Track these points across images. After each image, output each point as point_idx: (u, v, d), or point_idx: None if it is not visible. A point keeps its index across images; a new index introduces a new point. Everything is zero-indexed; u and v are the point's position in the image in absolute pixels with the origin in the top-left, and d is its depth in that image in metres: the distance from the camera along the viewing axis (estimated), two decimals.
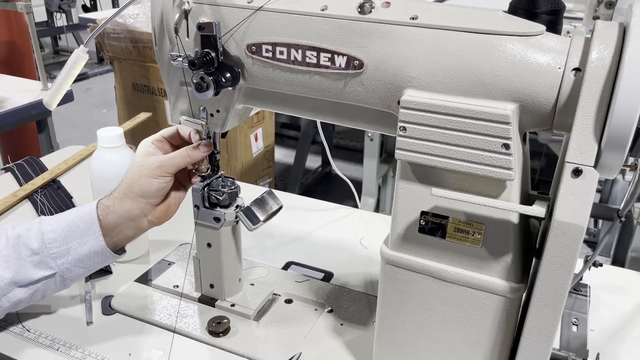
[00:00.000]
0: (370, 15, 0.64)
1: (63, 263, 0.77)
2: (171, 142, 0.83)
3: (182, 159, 0.79)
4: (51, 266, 0.77)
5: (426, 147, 0.62)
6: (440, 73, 0.60)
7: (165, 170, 0.78)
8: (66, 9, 5.23)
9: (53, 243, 0.76)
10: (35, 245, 0.76)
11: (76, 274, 0.79)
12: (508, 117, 0.57)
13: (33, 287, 0.77)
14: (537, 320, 0.60)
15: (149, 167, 0.78)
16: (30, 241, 0.76)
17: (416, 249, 0.67)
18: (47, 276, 0.77)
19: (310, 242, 1.11)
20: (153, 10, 0.74)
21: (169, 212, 0.81)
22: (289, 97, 0.74)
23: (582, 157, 0.54)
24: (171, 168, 0.78)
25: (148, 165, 0.78)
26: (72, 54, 0.80)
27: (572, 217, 0.55)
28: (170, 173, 0.78)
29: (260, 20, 0.69)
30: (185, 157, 0.79)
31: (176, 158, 0.79)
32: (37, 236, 0.76)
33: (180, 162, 0.79)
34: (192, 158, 0.80)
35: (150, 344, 0.83)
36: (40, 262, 0.76)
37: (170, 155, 0.79)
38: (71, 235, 0.77)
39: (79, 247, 0.77)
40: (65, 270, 0.77)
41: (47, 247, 0.76)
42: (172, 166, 0.78)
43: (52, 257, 0.76)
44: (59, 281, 0.78)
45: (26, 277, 0.76)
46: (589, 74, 0.53)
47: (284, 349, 0.81)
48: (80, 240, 0.77)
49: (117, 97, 2.42)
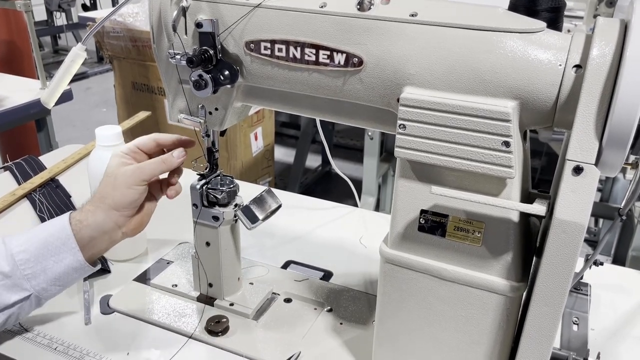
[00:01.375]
0: (369, 12, 0.63)
1: (39, 283, 0.73)
2: (146, 153, 0.80)
3: (158, 166, 0.77)
4: (25, 288, 0.73)
5: (426, 145, 0.61)
6: (440, 70, 0.60)
7: (141, 177, 0.75)
8: (66, 7, 5.23)
9: (26, 264, 0.73)
10: (6, 269, 0.72)
11: (52, 292, 0.76)
12: (508, 114, 0.56)
13: (7, 312, 0.73)
14: (538, 319, 0.59)
15: (123, 175, 0.75)
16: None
17: (416, 248, 0.66)
18: (22, 299, 0.73)
19: (309, 241, 1.10)
20: (151, 7, 0.74)
21: (142, 223, 0.79)
22: (288, 95, 0.74)
23: (583, 154, 0.54)
24: (146, 175, 0.76)
25: (122, 173, 0.75)
26: (70, 52, 0.80)
27: (573, 215, 0.54)
28: (145, 181, 0.76)
29: (259, 17, 0.68)
30: (160, 164, 0.77)
31: (152, 164, 0.77)
32: (7, 258, 0.72)
33: (155, 168, 0.77)
34: (167, 164, 0.78)
35: (149, 343, 0.82)
36: (14, 285, 0.72)
37: (145, 162, 0.77)
38: (45, 254, 0.73)
39: (55, 265, 0.74)
40: (41, 291, 0.74)
41: (20, 268, 0.72)
42: (148, 173, 0.76)
43: (26, 279, 0.73)
44: (34, 302, 0.75)
45: (0, 302, 0.72)
46: (590, 71, 0.53)
47: (283, 348, 0.81)
48: (56, 257, 0.74)
49: (117, 96, 2.42)
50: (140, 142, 0.79)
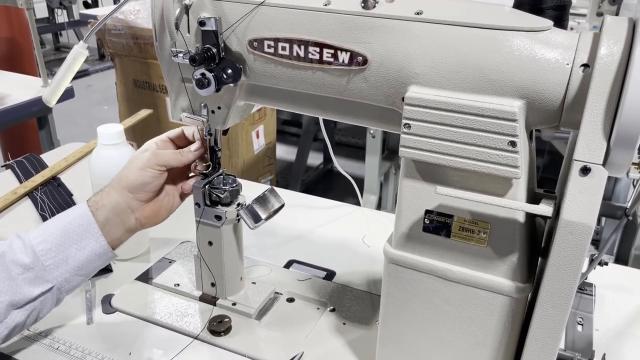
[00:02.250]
0: (374, 10, 0.62)
1: (61, 274, 0.72)
2: (176, 143, 0.82)
3: (174, 156, 0.79)
4: (48, 279, 0.71)
5: (431, 145, 0.61)
6: (446, 69, 0.59)
7: (154, 162, 0.76)
8: (67, 5, 5.22)
9: (47, 254, 0.71)
10: (26, 260, 0.70)
11: (74, 284, 0.74)
12: (515, 114, 0.56)
13: (30, 307, 0.71)
14: (544, 320, 0.59)
15: (140, 159, 0.77)
16: (18, 257, 0.70)
17: (420, 248, 0.66)
18: (45, 291, 0.71)
19: (312, 240, 1.10)
20: (153, 5, 0.73)
21: (159, 214, 0.79)
22: (291, 94, 0.73)
23: (590, 155, 0.53)
24: (161, 161, 0.77)
25: (140, 157, 0.77)
26: (72, 50, 0.79)
27: (580, 216, 0.53)
28: (159, 166, 0.77)
29: (262, 15, 0.68)
30: (176, 154, 0.79)
31: (168, 153, 0.79)
32: (27, 250, 0.71)
33: (171, 157, 0.78)
34: (183, 156, 0.79)
35: (151, 343, 0.82)
36: (36, 278, 0.71)
37: (162, 150, 0.79)
38: (67, 242, 0.72)
39: (78, 253, 0.72)
40: (63, 282, 0.73)
41: (41, 259, 0.71)
42: (162, 160, 0.77)
43: (48, 270, 0.71)
44: (56, 296, 0.73)
45: (23, 297, 0.70)
46: (598, 70, 0.52)
47: (286, 348, 0.81)
48: (79, 245, 0.73)
49: (118, 93, 2.41)
50: (172, 134, 0.82)
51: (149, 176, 0.76)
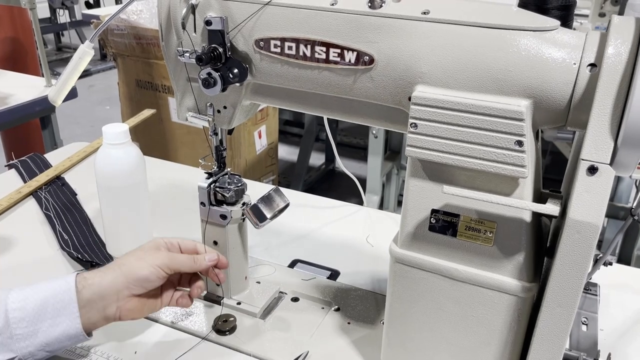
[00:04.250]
0: (380, 10, 0.63)
1: (27, 346, 0.67)
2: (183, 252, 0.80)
3: (188, 262, 0.77)
4: (12, 349, 0.67)
5: (437, 144, 0.61)
6: (453, 69, 0.59)
7: (167, 263, 0.74)
8: (69, 5, 5.23)
9: (20, 323, 0.67)
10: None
11: (38, 358, 0.69)
12: (522, 113, 0.56)
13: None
14: (550, 320, 0.59)
15: (154, 255, 0.75)
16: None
17: (426, 248, 0.66)
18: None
19: (316, 240, 1.10)
20: (160, 5, 0.73)
21: (141, 311, 0.75)
22: (298, 93, 0.73)
23: (597, 154, 0.53)
24: (174, 264, 0.75)
25: (155, 254, 0.75)
26: (78, 50, 0.79)
27: (587, 215, 0.54)
28: (170, 269, 0.75)
29: (269, 15, 0.68)
30: (190, 260, 0.77)
31: (183, 258, 0.77)
32: (1, 313, 0.67)
33: (185, 263, 0.76)
34: (197, 264, 0.77)
35: (156, 342, 0.82)
36: (1, 344, 0.66)
37: (178, 254, 0.78)
38: (42, 316, 0.68)
39: (50, 329, 0.68)
40: (27, 354, 0.68)
41: (11, 327, 0.66)
42: (176, 264, 0.75)
43: (15, 339, 0.67)
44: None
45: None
46: (605, 70, 0.52)
47: (291, 348, 0.81)
48: (53, 321, 0.68)
49: (121, 93, 2.41)
50: (183, 243, 0.80)
51: (155, 274, 0.73)
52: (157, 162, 1.40)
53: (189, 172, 1.36)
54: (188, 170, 1.37)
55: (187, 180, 0.82)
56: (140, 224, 1.00)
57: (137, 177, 0.95)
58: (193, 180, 0.83)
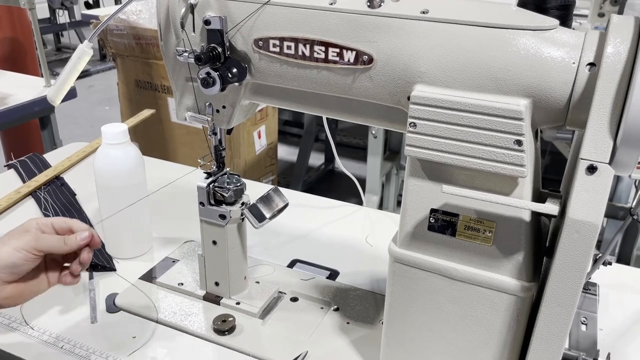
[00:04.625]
0: (380, 9, 0.63)
1: None
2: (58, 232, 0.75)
3: (57, 242, 0.72)
4: None
5: (436, 144, 0.61)
6: (452, 68, 0.59)
7: (33, 245, 0.70)
8: (68, 5, 5.22)
9: None
10: None
11: None
12: (521, 113, 0.56)
13: None
14: (549, 320, 0.59)
15: (18, 239, 0.70)
16: None
17: (425, 247, 0.66)
18: None
19: (315, 240, 1.10)
20: (159, 4, 0.73)
21: (22, 296, 0.72)
22: (297, 93, 0.73)
23: (597, 153, 0.53)
24: (40, 246, 0.70)
25: (19, 237, 0.70)
26: (77, 49, 0.79)
27: (587, 215, 0.53)
28: (37, 251, 0.70)
29: (268, 14, 0.68)
30: (59, 241, 0.72)
31: (51, 238, 0.72)
32: None
33: (54, 244, 0.72)
34: (67, 245, 0.73)
35: (155, 342, 0.82)
36: None
37: (45, 235, 0.73)
38: None
39: None
40: None
41: None
42: (43, 245, 0.70)
43: None
44: None
45: None
46: (605, 69, 0.52)
47: (290, 348, 0.81)
48: None
49: (120, 94, 2.41)
50: (55, 221, 0.75)
51: (21, 258, 0.69)
52: (157, 162, 1.40)
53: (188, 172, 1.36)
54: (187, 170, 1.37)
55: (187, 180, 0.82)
56: (140, 224, 1.00)
57: (137, 177, 0.95)
58: (193, 181, 0.83)
